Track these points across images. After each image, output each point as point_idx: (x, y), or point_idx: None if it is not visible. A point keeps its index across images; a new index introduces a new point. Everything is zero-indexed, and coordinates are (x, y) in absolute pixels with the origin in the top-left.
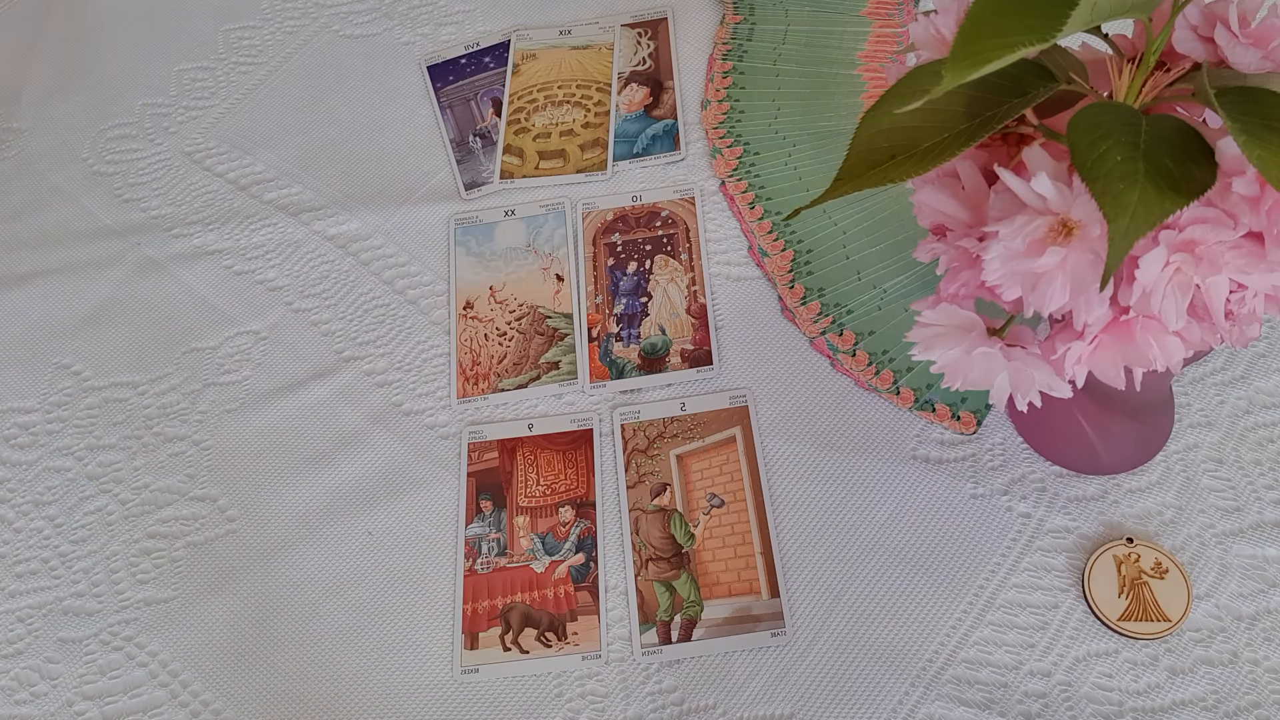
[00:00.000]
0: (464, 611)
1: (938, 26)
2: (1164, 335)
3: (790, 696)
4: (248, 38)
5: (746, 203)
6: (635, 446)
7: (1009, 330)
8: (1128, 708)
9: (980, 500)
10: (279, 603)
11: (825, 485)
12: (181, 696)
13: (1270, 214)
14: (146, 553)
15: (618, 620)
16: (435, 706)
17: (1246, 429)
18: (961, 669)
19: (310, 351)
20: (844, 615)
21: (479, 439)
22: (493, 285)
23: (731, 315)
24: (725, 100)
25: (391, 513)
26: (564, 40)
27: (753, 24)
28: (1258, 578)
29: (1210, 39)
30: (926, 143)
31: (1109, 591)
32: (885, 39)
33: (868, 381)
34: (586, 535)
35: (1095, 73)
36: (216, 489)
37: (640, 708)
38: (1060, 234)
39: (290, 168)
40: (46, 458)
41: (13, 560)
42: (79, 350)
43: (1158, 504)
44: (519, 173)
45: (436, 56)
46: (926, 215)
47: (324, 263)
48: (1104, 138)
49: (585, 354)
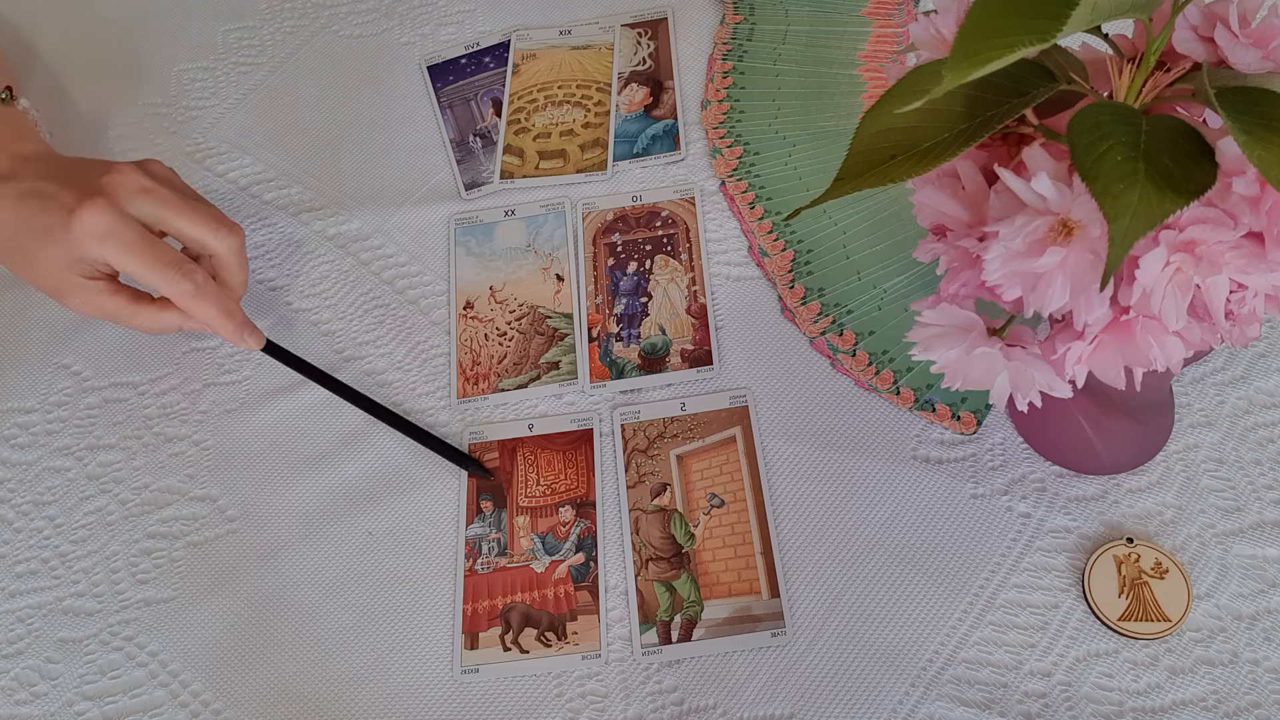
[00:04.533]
0: (464, 611)
1: (938, 26)
2: (1164, 335)
3: (790, 696)
4: (248, 38)
5: (746, 203)
6: (635, 446)
7: (1009, 330)
8: (1128, 708)
9: (980, 500)
10: (279, 603)
11: (825, 485)
12: (181, 696)
13: (1270, 214)
14: (146, 553)
15: (618, 620)
16: (435, 706)
17: (1246, 429)
18: (961, 669)
19: (310, 351)
20: (844, 615)
21: (479, 439)
22: (493, 285)
23: (731, 315)
24: (725, 100)
25: (391, 513)
26: (564, 40)
27: (753, 24)
28: (1258, 578)
29: (1210, 39)
30: (926, 143)
31: (1109, 591)
32: (885, 39)
33: (868, 381)
34: (586, 535)
35: (1095, 73)
36: (216, 489)
37: (640, 708)
38: (1060, 234)
39: (290, 168)
40: (46, 458)
41: (13, 560)
42: (79, 350)
43: (1158, 504)
44: (519, 173)
45: (436, 56)
46: (926, 215)
47: (324, 263)
48: (1104, 138)
49: (585, 354)
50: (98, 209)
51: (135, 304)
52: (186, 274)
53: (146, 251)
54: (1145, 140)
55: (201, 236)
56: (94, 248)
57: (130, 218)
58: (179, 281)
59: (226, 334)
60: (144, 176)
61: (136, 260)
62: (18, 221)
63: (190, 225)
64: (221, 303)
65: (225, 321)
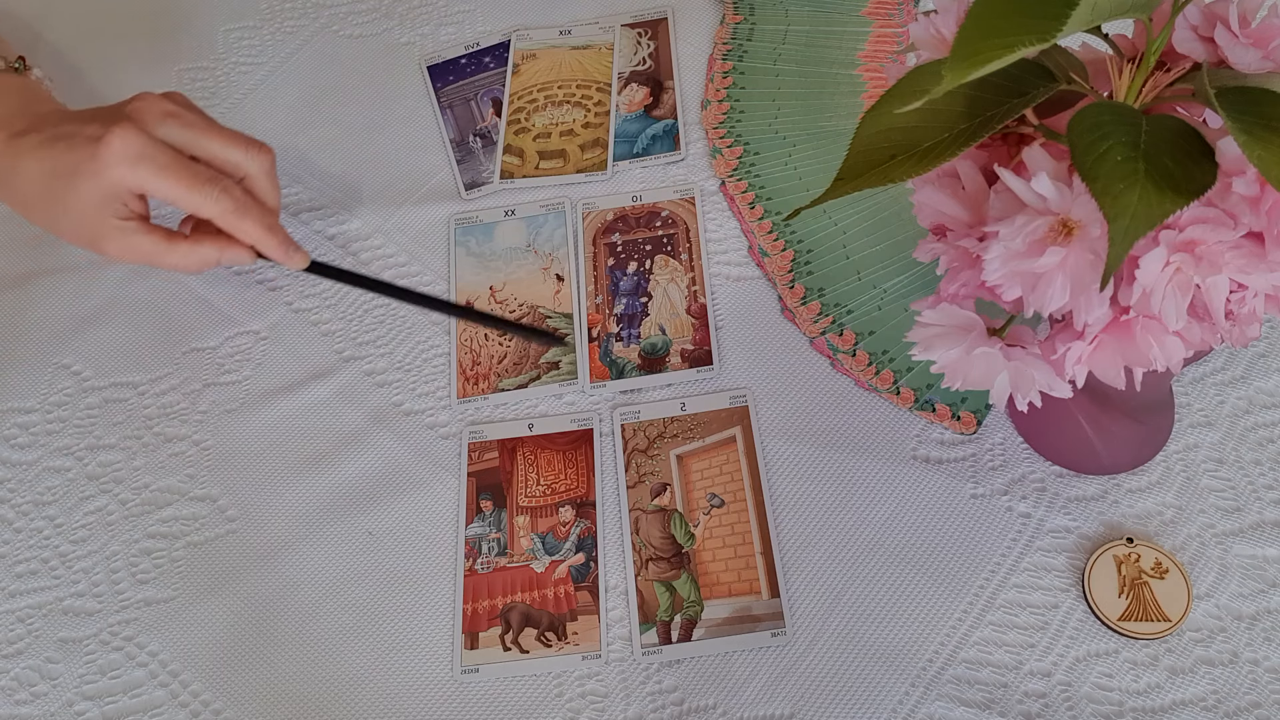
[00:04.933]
0: (464, 611)
1: (938, 26)
2: (1164, 335)
3: (790, 696)
4: (248, 38)
5: (746, 203)
6: (635, 446)
7: (1009, 330)
8: (1128, 708)
9: (980, 500)
10: (279, 603)
11: (825, 485)
12: (181, 696)
13: (1270, 214)
14: (146, 553)
15: (618, 620)
16: (435, 706)
17: (1246, 429)
18: (961, 669)
19: (310, 351)
20: (844, 615)
21: (479, 439)
22: (493, 285)
23: (731, 315)
24: (725, 100)
25: (391, 513)
26: (564, 40)
27: (753, 24)
28: (1258, 578)
29: (1210, 39)
30: (926, 143)
31: (1109, 591)
32: (885, 39)
33: (868, 381)
34: (586, 535)
35: (1095, 73)
36: (216, 489)
37: (640, 708)
38: (1060, 234)
39: (290, 168)
40: (46, 458)
41: (13, 560)
42: (79, 350)
43: (1158, 504)
44: (519, 173)
45: (436, 56)
46: (926, 215)
47: (324, 262)
48: (1104, 138)
49: (585, 354)
50: (126, 132)
51: (170, 242)
52: (226, 190)
53: (183, 171)
54: (1145, 140)
55: (233, 156)
56: (127, 174)
57: (160, 141)
58: (220, 199)
59: (270, 250)
60: (168, 102)
61: (173, 181)
62: (43, 169)
63: (222, 146)
64: (264, 218)
65: (269, 237)
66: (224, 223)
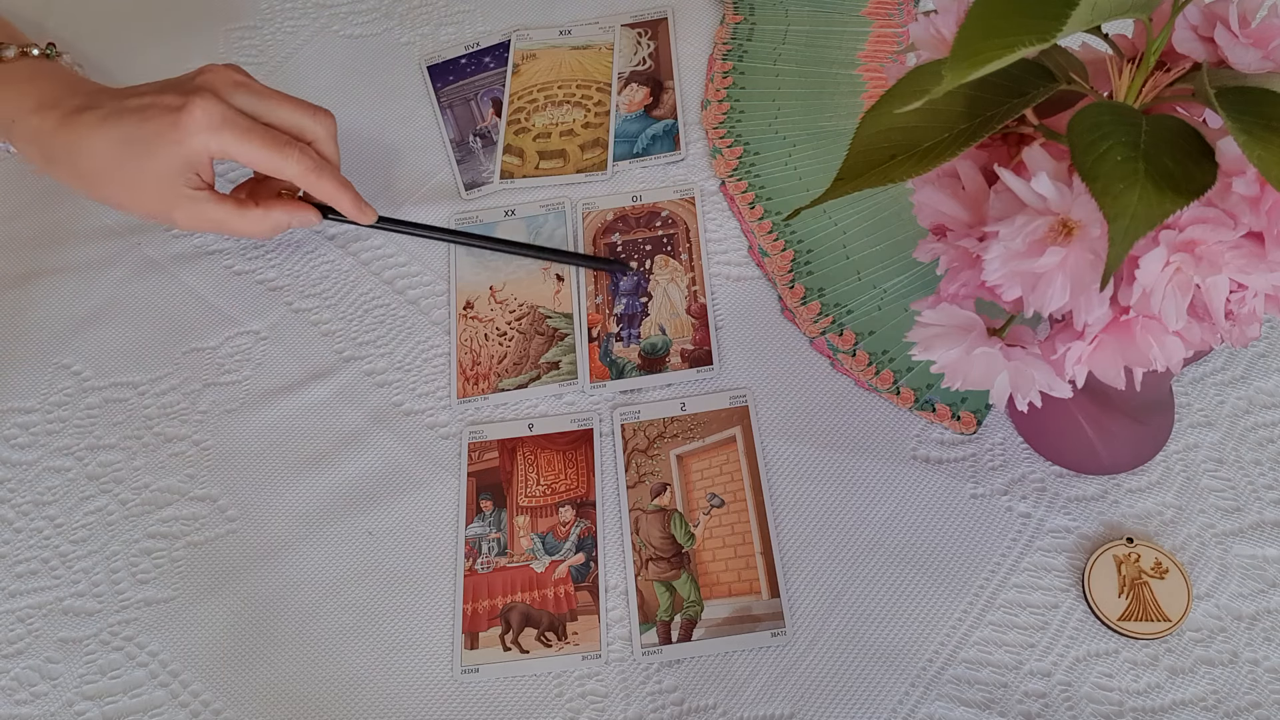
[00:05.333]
0: (464, 611)
1: (938, 26)
2: (1164, 335)
3: (790, 696)
4: (248, 38)
5: (746, 203)
6: (635, 446)
7: (1009, 330)
8: (1128, 708)
9: (980, 500)
10: (279, 603)
11: (825, 485)
12: (182, 696)
13: (1270, 214)
14: (147, 553)
15: (618, 620)
16: (435, 706)
17: (1246, 429)
18: (961, 669)
19: (310, 351)
20: (844, 615)
21: (479, 439)
22: (493, 285)
23: (731, 315)
24: (725, 100)
25: (391, 513)
26: (564, 40)
27: (753, 24)
28: (1258, 578)
29: (1210, 39)
30: (926, 143)
31: (1109, 591)
32: (885, 39)
33: (868, 381)
34: (586, 535)
35: (1095, 73)
36: (216, 489)
37: (640, 708)
38: (1060, 234)
39: None
40: (46, 458)
41: (13, 560)
42: (79, 350)
43: (1158, 504)
44: (519, 173)
45: (436, 56)
46: (926, 215)
47: (324, 263)
48: (1104, 138)
49: (585, 354)
50: (207, 101)
51: (241, 208)
52: (304, 151)
53: (265, 135)
54: (1145, 140)
55: (301, 121)
56: (211, 141)
57: (237, 109)
58: (300, 159)
59: (345, 206)
60: (236, 73)
61: (257, 145)
62: (114, 141)
63: (290, 112)
64: (338, 176)
65: (343, 193)
66: (303, 181)
